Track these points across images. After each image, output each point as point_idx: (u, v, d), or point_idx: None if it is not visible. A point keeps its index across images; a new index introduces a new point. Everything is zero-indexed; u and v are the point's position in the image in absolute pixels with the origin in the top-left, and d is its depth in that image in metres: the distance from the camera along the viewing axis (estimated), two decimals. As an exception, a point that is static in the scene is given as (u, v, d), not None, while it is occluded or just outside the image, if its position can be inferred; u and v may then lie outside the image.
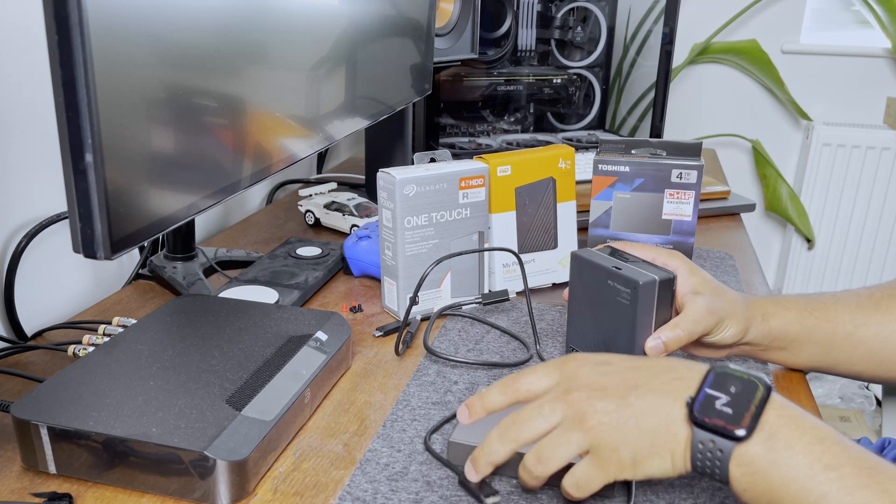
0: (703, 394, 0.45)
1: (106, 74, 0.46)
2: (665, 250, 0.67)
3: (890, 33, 2.03)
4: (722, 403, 0.44)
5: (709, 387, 0.45)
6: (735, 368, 0.46)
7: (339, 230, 1.05)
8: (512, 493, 0.51)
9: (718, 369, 0.46)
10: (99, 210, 0.47)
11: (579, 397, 0.47)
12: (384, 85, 0.97)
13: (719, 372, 0.46)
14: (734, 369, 0.46)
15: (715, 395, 0.44)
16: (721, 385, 0.45)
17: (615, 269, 0.63)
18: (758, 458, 0.42)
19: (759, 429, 0.43)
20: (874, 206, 2.17)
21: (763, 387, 0.44)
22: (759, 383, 0.45)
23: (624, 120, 1.47)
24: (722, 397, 0.44)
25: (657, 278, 0.61)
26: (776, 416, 0.43)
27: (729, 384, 0.45)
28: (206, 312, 0.66)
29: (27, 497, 0.50)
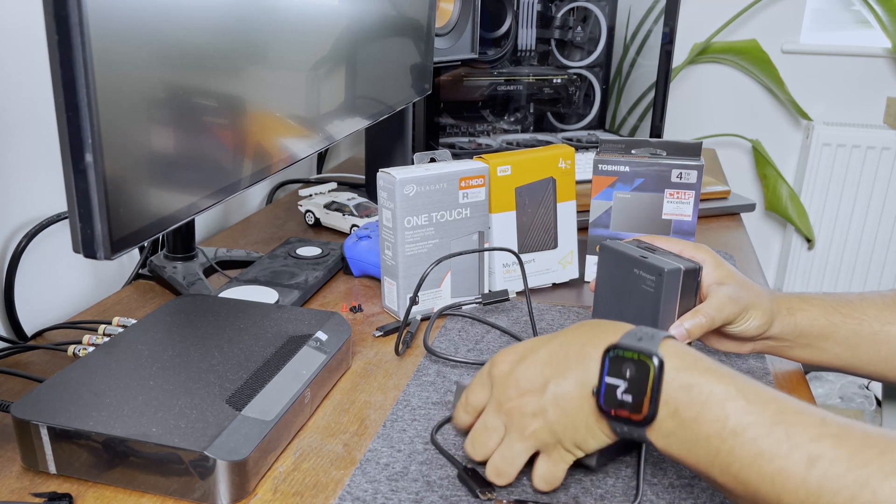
0: (603, 384, 0.46)
1: (106, 74, 0.46)
2: (692, 243, 0.67)
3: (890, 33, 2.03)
4: (622, 391, 0.45)
5: (607, 374, 0.46)
6: (627, 347, 0.45)
7: (339, 230, 1.05)
8: (512, 493, 0.51)
9: (612, 352, 0.46)
10: (99, 210, 0.47)
11: (510, 406, 0.49)
12: (384, 85, 0.97)
13: (612, 356, 0.46)
14: (626, 348, 0.45)
15: (614, 383, 0.45)
16: (617, 370, 0.45)
17: (641, 258, 0.63)
18: (671, 433, 0.44)
19: (664, 405, 0.44)
20: (874, 206, 2.17)
21: (653, 364, 0.44)
22: (649, 361, 0.44)
23: (624, 120, 1.47)
24: (621, 384, 0.45)
25: (682, 267, 0.62)
26: (675, 390, 0.44)
27: (624, 368, 0.45)
28: (206, 312, 0.66)
29: (27, 497, 0.50)
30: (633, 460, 0.55)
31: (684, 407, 0.43)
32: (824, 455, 0.39)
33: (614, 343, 0.46)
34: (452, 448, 0.56)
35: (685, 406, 0.43)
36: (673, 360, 0.45)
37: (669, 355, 0.45)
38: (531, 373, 0.49)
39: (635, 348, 0.45)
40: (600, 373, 0.46)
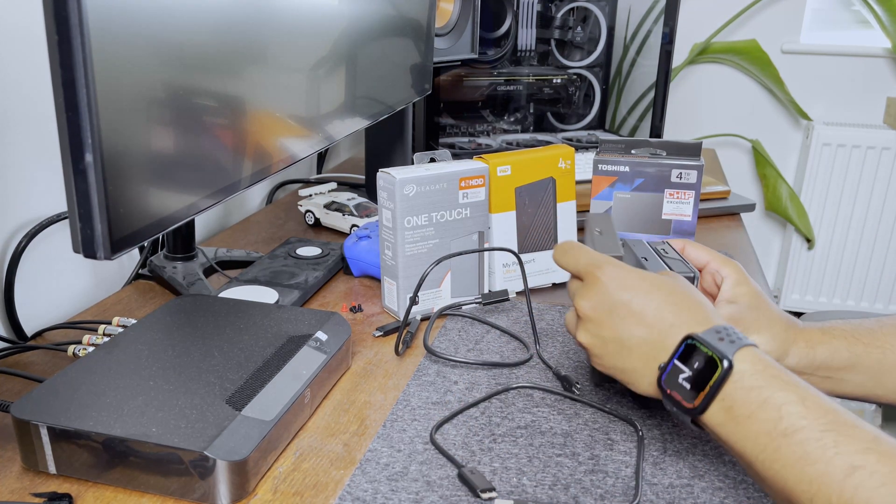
0: (671, 364, 0.49)
1: (106, 74, 0.46)
2: (723, 256, 0.65)
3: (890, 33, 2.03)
4: (683, 377, 0.48)
5: (678, 358, 0.49)
6: (705, 341, 0.47)
7: (339, 230, 1.05)
8: (512, 493, 0.51)
9: (690, 340, 0.48)
10: (99, 210, 0.47)
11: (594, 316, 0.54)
12: (384, 85, 0.97)
13: (689, 343, 0.48)
14: (703, 342, 0.47)
15: (680, 367, 0.48)
16: (688, 357, 0.48)
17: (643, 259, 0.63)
18: (720, 424, 0.46)
19: (719, 399, 0.46)
20: (874, 206, 2.18)
21: (722, 367, 0.46)
22: (719, 362, 0.46)
23: (624, 120, 1.47)
24: (685, 371, 0.48)
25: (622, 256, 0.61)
26: (736, 389, 0.45)
27: (694, 359, 0.48)
28: (206, 312, 0.66)
29: (27, 497, 0.50)
30: (633, 461, 0.55)
31: (740, 405, 0.45)
32: (866, 467, 0.39)
33: (695, 334, 0.48)
34: (452, 448, 0.56)
35: (741, 404, 0.45)
36: (744, 363, 0.46)
37: (742, 359, 0.46)
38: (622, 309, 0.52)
39: (711, 346, 0.47)
40: (672, 353, 0.49)
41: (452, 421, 0.60)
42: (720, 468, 0.54)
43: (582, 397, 0.63)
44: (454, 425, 0.59)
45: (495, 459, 0.55)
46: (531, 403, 0.63)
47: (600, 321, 0.53)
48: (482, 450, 0.56)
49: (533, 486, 0.52)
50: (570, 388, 0.64)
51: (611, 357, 0.53)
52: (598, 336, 0.54)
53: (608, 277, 0.54)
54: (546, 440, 0.57)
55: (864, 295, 2.27)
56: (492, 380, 0.66)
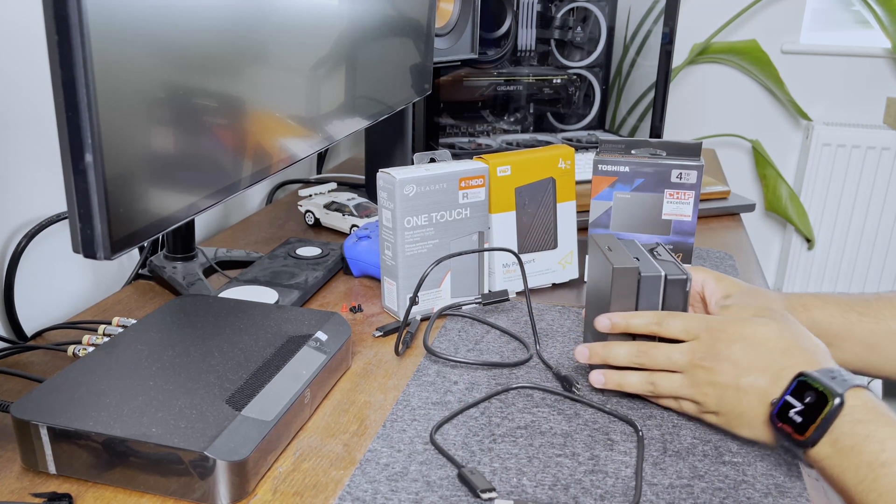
0: (782, 400, 0.52)
1: (106, 74, 0.46)
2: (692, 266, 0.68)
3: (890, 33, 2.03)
4: (795, 411, 0.50)
5: (790, 393, 0.51)
6: (816, 378, 0.50)
7: (339, 230, 1.05)
8: (512, 493, 0.51)
9: (803, 377, 0.51)
10: (99, 210, 0.47)
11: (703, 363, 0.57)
12: (384, 85, 0.97)
13: (801, 380, 0.51)
14: (814, 379, 0.50)
15: (791, 402, 0.51)
16: (800, 393, 0.51)
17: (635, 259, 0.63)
18: (826, 458, 0.49)
19: (828, 433, 0.48)
20: (874, 206, 2.17)
21: (833, 402, 0.48)
22: (831, 397, 0.48)
23: (624, 120, 1.47)
24: (797, 405, 0.50)
25: (638, 268, 0.62)
26: (844, 423, 0.48)
27: (806, 394, 0.50)
28: (206, 312, 0.66)
29: (27, 497, 0.50)
30: (632, 461, 0.55)
31: (845, 437, 0.47)
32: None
33: (807, 371, 0.51)
34: (452, 448, 0.56)
35: (846, 436, 0.47)
36: (854, 400, 0.48)
37: (853, 397, 0.48)
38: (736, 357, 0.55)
39: (823, 383, 0.49)
40: (785, 389, 0.52)
41: (452, 421, 0.60)
42: (720, 468, 0.54)
43: (582, 397, 0.63)
44: (454, 425, 0.59)
45: (495, 459, 0.55)
46: (531, 403, 0.63)
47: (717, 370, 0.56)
48: (482, 450, 0.56)
49: (533, 486, 0.52)
50: (569, 388, 0.64)
51: (728, 402, 0.56)
52: (718, 384, 0.56)
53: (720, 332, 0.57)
54: (546, 440, 0.57)
55: (864, 295, 2.27)
56: (492, 380, 0.66)
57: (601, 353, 0.62)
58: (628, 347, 0.61)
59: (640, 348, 0.60)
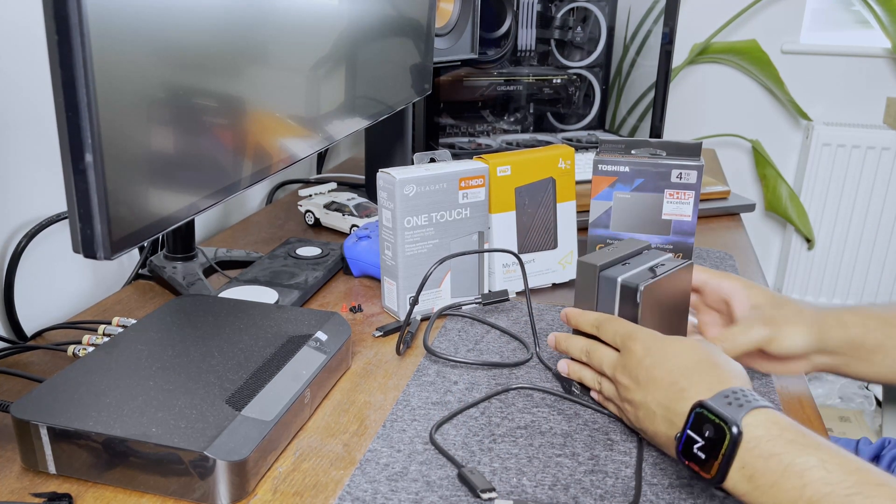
0: (685, 435, 0.49)
1: (106, 74, 0.46)
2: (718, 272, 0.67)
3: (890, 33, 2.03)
4: (698, 447, 0.47)
5: (689, 427, 0.48)
6: (711, 408, 0.47)
7: (339, 230, 1.05)
8: (512, 493, 0.51)
9: (698, 408, 0.48)
10: (99, 210, 0.47)
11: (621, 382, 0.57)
12: (384, 85, 0.97)
13: (698, 412, 0.48)
14: (710, 410, 0.47)
15: (693, 437, 0.48)
16: (699, 427, 0.48)
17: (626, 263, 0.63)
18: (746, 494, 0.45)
19: (738, 468, 0.45)
20: (874, 206, 2.17)
21: (730, 434, 0.45)
22: (728, 429, 0.46)
23: (624, 120, 1.47)
24: (698, 440, 0.48)
25: (597, 265, 0.61)
26: (754, 458, 0.45)
27: (705, 428, 0.47)
28: (206, 312, 0.66)
29: (27, 497, 0.50)
30: (632, 461, 0.55)
31: (761, 474, 0.44)
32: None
33: (704, 401, 0.48)
34: (452, 448, 0.56)
35: (762, 473, 0.44)
36: (757, 429, 0.45)
37: (755, 425, 0.46)
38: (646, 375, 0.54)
39: (718, 413, 0.47)
40: (684, 424, 0.49)
41: (452, 421, 0.60)
42: (720, 468, 0.54)
43: (580, 398, 0.63)
44: (454, 426, 0.59)
45: (495, 459, 0.55)
46: (531, 403, 0.63)
47: (631, 388, 0.55)
48: (482, 450, 0.56)
49: (533, 486, 0.52)
50: (568, 388, 0.64)
51: (645, 421, 0.54)
52: (633, 402, 0.55)
53: (638, 347, 0.56)
54: (546, 440, 0.57)
55: (864, 295, 2.27)
56: (492, 380, 0.66)
57: (562, 344, 0.64)
58: (581, 343, 0.62)
59: (589, 346, 0.61)
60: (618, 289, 0.61)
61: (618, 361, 0.57)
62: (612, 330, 0.59)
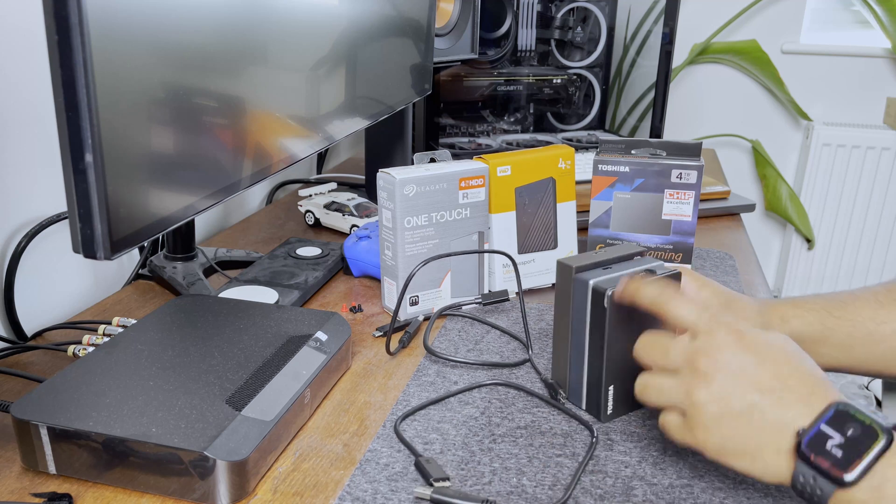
0: (815, 429, 0.44)
1: (106, 74, 0.46)
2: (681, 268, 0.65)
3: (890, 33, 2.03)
4: (834, 444, 0.44)
5: (825, 422, 0.44)
6: (859, 410, 0.44)
7: (339, 230, 1.05)
8: (512, 493, 0.51)
9: (841, 406, 0.45)
10: (99, 210, 0.47)
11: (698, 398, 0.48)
12: (384, 85, 0.97)
13: (841, 409, 0.44)
14: (858, 410, 0.44)
15: (829, 433, 0.44)
16: (839, 424, 0.44)
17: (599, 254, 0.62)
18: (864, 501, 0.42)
19: (870, 476, 0.42)
20: (874, 206, 2.18)
21: (884, 437, 0.43)
22: (881, 432, 0.43)
23: (624, 120, 1.47)
24: (835, 437, 0.44)
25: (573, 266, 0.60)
26: (887, 466, 0.42)
27: (847, 425, 0.44)
28: (206, 312, 0.66)
29: (27, 497, 0.50)
30: (632, 461, 0.55)
31: (889, 483, 0.42)
32: None
33: (846, 401, 0.45)
34: (452, 448, 0.56)
35: (890, 482, 0.42)
36: None
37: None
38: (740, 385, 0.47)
39: (869, 416, 0.44)
40: (818, 417, 0.45)
41: (452, 421, 0.60)
42: (720, 468, 0.54)
43: (562, 405, 0.62)
44: (454, 426, 0.59)
45: (495, 459, 0.55)
46: (531, 404, 0.63)
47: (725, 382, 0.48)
48: (482, 450, 0.56)
49: (533, 486, 0.52)
50: (555, 395, 0.63)
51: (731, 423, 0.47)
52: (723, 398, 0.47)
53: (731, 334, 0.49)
54: (546, 440, 0.57)
55: (864, 295, 2.27)
56: (492, 380, 0.66)
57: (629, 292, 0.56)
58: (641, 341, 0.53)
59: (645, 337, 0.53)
60: (589, 292, 0.59)
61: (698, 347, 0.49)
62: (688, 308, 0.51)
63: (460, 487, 0.52)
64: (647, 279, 0.55)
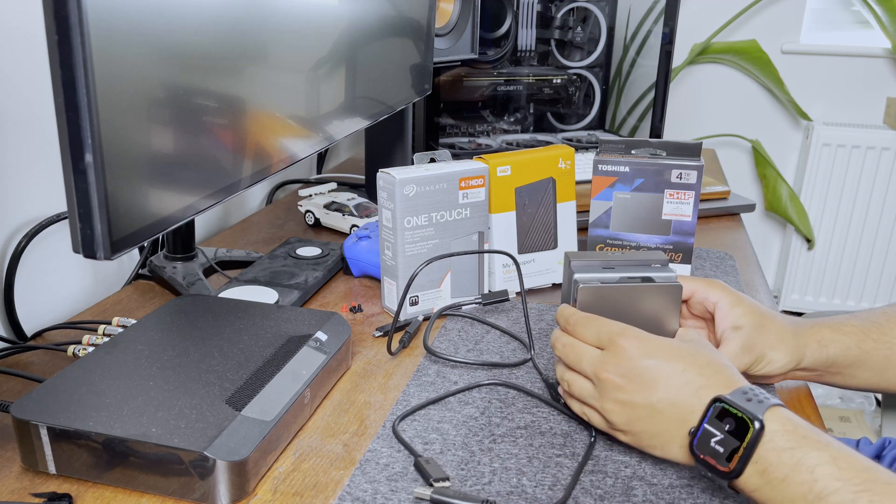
0: (701, 429, 0.49)
1: (106, 74, 0.46)
2: (706, 280, 0.64)
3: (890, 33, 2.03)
4: (716, 441, 0.48)
5: (707, 422, 0.48)
6: (732, 402, 0.47)
7: (339, 230, 1.05)
8: (512, 493, 0.51)
9: (718, 402, 0.48)
10: (99, 210, 0.47)
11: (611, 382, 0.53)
12: (384, 85, 0.97)
13: (717, 406, 0.48)
14: (731, 403, 0.48)
15: (711, 431, 0.48)
16: (718, 421, 0.48)
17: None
18: (756, 489, 0.46)
19: (753, 463, 0.46)
20: (874, 206, 2.18)
21: (753, 427, 0.46)
22: (751, 423, 0.46)
23: (624, 120, 1.47)
24: (717, 434, 0.48)
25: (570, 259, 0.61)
26: (768, 451, 0.45)
27: (725, 422, 0.48)
28: (206, 312, 0.66)
29: (27, 497, 0.50)
30: (632, 461, 0.55)
31: (774, 468, 0.45)
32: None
33: (723, 396, 0.48)
34: (452, 448, 0.56)
35: (774, 467, 0.45)
36: (773, 424, 0.46)
37: (772, 420, 0.46)
38: (649, 374, 0.52)
39: (741, 407, 0.47)
40: (702, 417, 0.49)
41: (452, 421, 0.60)
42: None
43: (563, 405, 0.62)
44: (454, 426, 0.59)
45: (495, 459, 0.55)
46: (531, 404, 0.63)
47: (627, 388, 0.53)
48: (482, 450, 0.56)
49: (533, 486, 0.52)
50: (556, 396, 0.63)
51: (640, 422, 0.52)
52: (627, 403, 0.53)
53: (632, 345, 0.53)
54: (546, 440, 0.57)
55: (864, 295, 2.27)
56: (491, 380, 0.66)
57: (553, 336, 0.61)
58: (556, 336, 0.59)
59: (561, 338, 0.58)
60: (572, 284, 0.60)
61: (603, 359, 0.54)
62: (595, 328, 0.56)
63: (460, 487, 0.52)
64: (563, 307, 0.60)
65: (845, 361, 0.63)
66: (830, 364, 0.63)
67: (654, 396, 0.52)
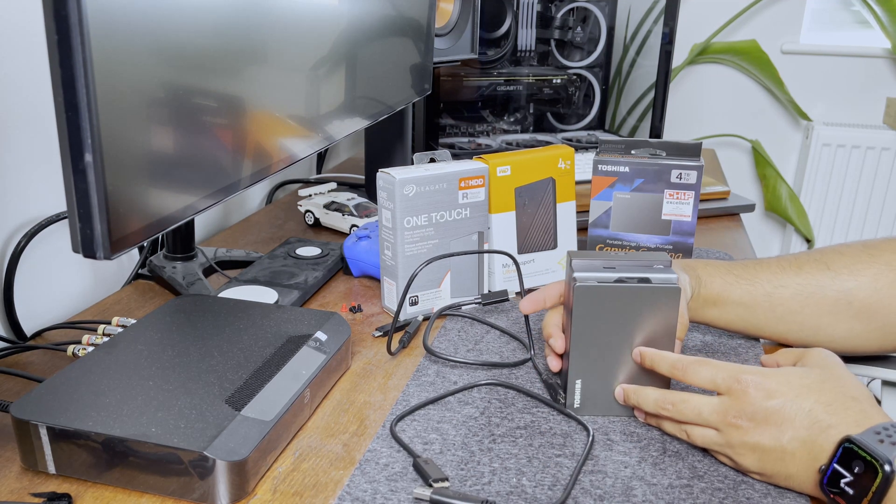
0: (831, 468, 0.48)
1: (106, 74, 0.46)
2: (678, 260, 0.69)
3: (890, 33, 2.03)
4: (845, 482, 0.47)
5: (837, 462, 0.48)
6: (861, 443, 0.47)
7: (339, 230, 1.05)
8: (511, 493, 0.51)
9: (847, 443, 0.48)
10: (99, 210, 0.47)
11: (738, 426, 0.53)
12: (384, 85, 0.97)
13: (847, 447, 0.48)
14: (860, 445, 0.47)
15: (841, 471, 0.48)
16: (847, 461, 0.47)
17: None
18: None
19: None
20: (874, 206, 2.17)
21: (883, 472, 0.45)
22: (880, 467, 0.45)
23: (624, 120, 1.47)
24: (846, 476, 0.47)
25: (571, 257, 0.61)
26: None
27: (853, 463, 0.47)
28: (206, 312, 0.66)
29: (26, 497, 0.50)
30: (632, 461, 0.55)
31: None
32: None
33: (853, 437, 0.48)
34: (451, 448, 0.56)
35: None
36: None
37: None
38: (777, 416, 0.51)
39: (869, 449, 0.46)
40: (831, 457, 0.48)
41: (451, 421, 0.60)
42: (720, 468, 0.54)
43: (563, 408, 0.61)
44: (454, 426, 0.59)
45: (495, 459, 0.55)
46: (531, 404, 0.63)
47: (755, 431, 0.52)
48: (482, 450, 0.56)
49: (532, 486, 0.52)
50: (555, 397, 0.63)
51: (772, 464, 0.52)
52: (757, 447, 0.52)
53: (754, 386, 0.52)
54: (545, 440, 0.57)
55: (863, 295, 2.27)
56: (491, 380, 0.66)
57: (632, 399, 0.59)
58: (657, 395, 0.57)
59: (668, 398, 0.56)
60: (571, 280, 0.60)
61: (725, 406, 0.53)
62: (708, 373, 0.55)
63: (460, 488, 0.52)
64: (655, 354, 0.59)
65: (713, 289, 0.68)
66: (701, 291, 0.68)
67: (784, 437, 0.51)
